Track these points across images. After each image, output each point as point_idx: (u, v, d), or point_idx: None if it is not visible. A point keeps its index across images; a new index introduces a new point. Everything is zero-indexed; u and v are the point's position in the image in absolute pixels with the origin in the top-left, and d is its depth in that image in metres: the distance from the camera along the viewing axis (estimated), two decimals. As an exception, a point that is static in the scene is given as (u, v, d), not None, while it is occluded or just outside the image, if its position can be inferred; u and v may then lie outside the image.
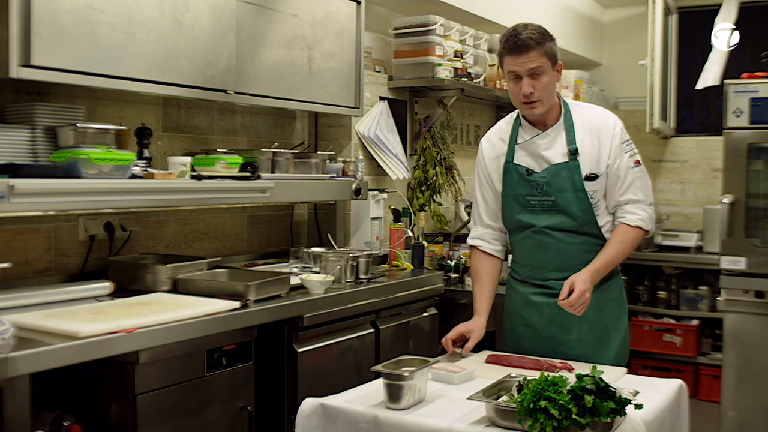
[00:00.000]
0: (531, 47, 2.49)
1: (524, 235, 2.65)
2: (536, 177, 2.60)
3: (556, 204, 2.58)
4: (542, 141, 2.62)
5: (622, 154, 2.62)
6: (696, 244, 5.55)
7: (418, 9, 4.20)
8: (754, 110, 4.14)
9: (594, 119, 2.63)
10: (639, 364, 5.53)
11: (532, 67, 2.50)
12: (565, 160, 2.58)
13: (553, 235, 2.60)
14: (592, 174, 2.57)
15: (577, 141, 2.59)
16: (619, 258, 2.59)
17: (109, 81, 2.54)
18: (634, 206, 2.61)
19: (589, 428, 1.81)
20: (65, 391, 2.37)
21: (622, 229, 2.59)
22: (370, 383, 2.27)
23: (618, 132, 2.63)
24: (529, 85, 2.51)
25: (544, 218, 2.60)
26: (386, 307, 3.29)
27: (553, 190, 2.58)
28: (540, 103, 2.55)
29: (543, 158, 2.60)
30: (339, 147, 3.96)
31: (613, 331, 2.66)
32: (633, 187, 2.60)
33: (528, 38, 2.49)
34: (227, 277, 2.96)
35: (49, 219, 2.82)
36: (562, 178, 2.57)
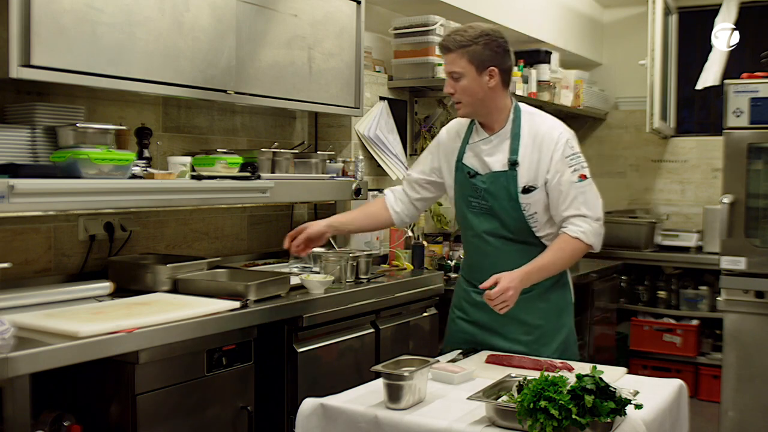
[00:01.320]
0: (450, 50, 2.53)
1: (468, 237, 2.72)
2: (477, 180, 2.62)
3: (492, 210, 2.61)
4: (486, 146, 2.63)
5: (565, 169, 2.54)
6: (696, 244, 5.55)
7: (418, 9, 4.20)
8: (754, 110, 4.14)
9: (540, 130, 2.58)
10: (639, 364, 5.53)
11: (451, 70, 2.55)
12: (505, 169, 2.58)
13: (490, 241, 2.63)
14: (529, 186, 2.55)
15: (519, 151, 2.57)
16: (555, 265, 2.55)
17: (109, 81, 2.54)
18: (577, 219, 2.55)
19: (589, 428, 1.81)
20: (65, 391, 2.37)
21: (562, 239, 2.56)
22: (370, 383, 2.27)
23: (561, 146, 2.56)
24: (449, 86, 2.57)
25: (482, 222, 2.64)
26: (386, 307, 3.29)
27: (490, 197, 2.60)
28: (461, 105, 2.59)
29: (486, 164, 2.62)
30: (339, 147, 3.96)
31: (552, 334, 2.67)
32: (576, 202, 2.54)
33: (452, 40, 2.53)
34: (227, 277, 2.96)
35: (49, 219, 2.82)
36: (500, 186, 2.58)
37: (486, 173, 2.61)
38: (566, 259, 2.57)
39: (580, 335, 4.62)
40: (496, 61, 2.53)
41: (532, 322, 2.65)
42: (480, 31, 2.53)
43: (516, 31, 4.95)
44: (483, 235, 2.64)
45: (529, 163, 2.56)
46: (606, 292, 5.02)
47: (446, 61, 2.56)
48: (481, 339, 2.69)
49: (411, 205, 2.84)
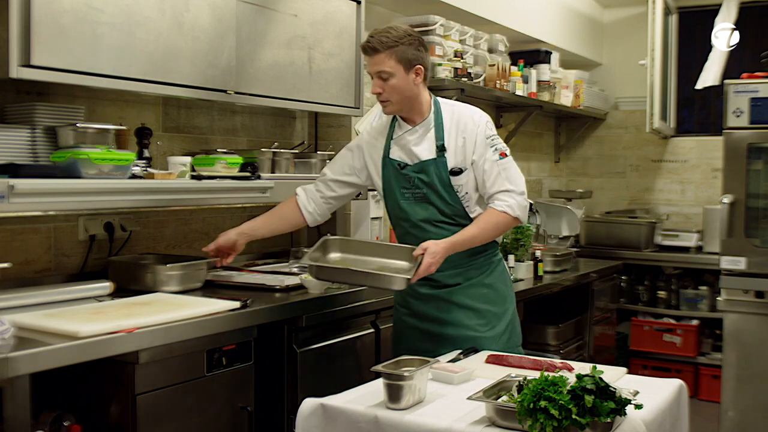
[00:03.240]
0: (378, 51, 2.62)
1: (403, 230, 2.79)
2: (408, 171, 2.73)
3: (426, 197, 2.71)
4: (412, 137, 2.75)
5: (487, 149, 2.70)
6: (696, 244, 5.56)
7: (418, 9, 4.20)
8: (754, 110, 4.15)
9: (461, 117, 2.74)
10: (639, 364, 5.54)
11: (380, 69, 2.63)
12: (433, 156, 2.70)
13: (428, 228, 2.72)
14: (457, 168, 2.69)
15: (444, 138, 2.71)
16: (480, 237, 2.68)
17: (109, 81, 2.54)
18: (503, 194, 2.69)
19: (589, 428, 1.81)
20: (65, 391, 2.37)
21: (488, 212, 2.70)
22: (370, 383, 2.27)
23: (483, 129, 2.72)
24: (378, 86, 2.66)
25: (418, 211, 2.73)
26: (386, 307, 3.29)
27: (422, 184, 2.71)
28: (389, 103, 2.69)
29: (413, 153, 2.73)
30: (339, 147, 3.93)
31: (498, 317, 2.79)
32: (500, 178, 2.69)
33: (378, 41, 2.61)
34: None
35: (49, 219, 2.82)
36: (431, 173, 2.70)
37: (415, 162, 2.72)
38: (491, 231, 2.69)
39: (580, 335, 4.65)
40: (421, 59, 2.67)
41: (478, 307, 2.76)
42: (403, 31, 2.65)
43: (516, 31, 4.95)
44: (420, 224, 2.73)
45: (455, 147, 2.71)
46: (606, 292, 5.02)
47: (373, 62, 2.64)
48: (431, 330, 2.77)
49: (324, 203, 2.92)
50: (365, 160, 2.85)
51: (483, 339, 2.72)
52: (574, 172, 6.54)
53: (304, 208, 2.90)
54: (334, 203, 2.94)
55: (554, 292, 4.29)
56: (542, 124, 6.25)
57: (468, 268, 2.77)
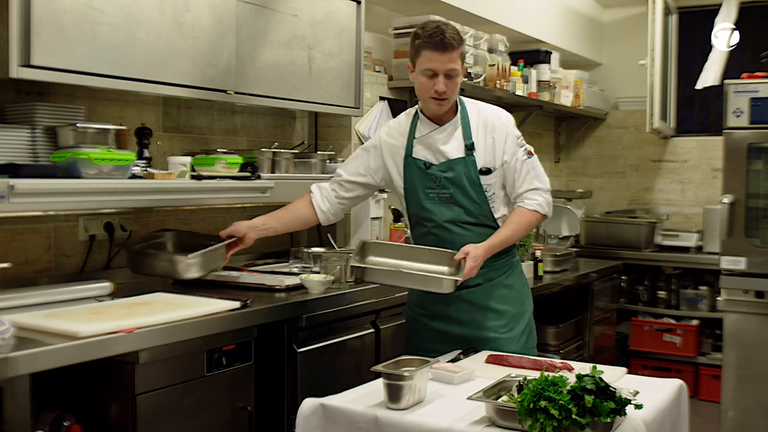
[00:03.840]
0: (454, 48, 2.59)
1: (425, 230, 2.75)
2: (434, 170, 2.70)
3: (453, 197, 2.69)
4: (440, 135, 2.71)
5: (517, 150, 2.72)
6: (696, 244, 5.56)
7: (418, 9, 4.20)
8: (754, 110, 4.15)
9: (488, 117, 2.74)
10: (639, 364, 5.54)
11: (450, 68, 2.59)
12: (462, 155, 2.68)
13: (452, 229, 2.69)
14: (486, 168, 2.68)
15: (472, 137, 2.70)
16: (515, 238, 2.71)
17: (109, 81, 2.54)
18: (531, 193, 2.72)
19: (589, 428, 1.81)
20: (65, 391, 2.37)
21: (520, 212, 2.71)
22: (370, 383, 2.27)
23: (511, 128, 2.74)
24: (443, 84, 2.60)
25: (443, 211, 2.70)
26: (386, 307, 3.29)
27: (450, 184, 2.68)
28: (447, 102, 2.66)
29: (441, 152, 2.70)
30: (339, 147, 3.96)
31: (517, 318, 2.76)
32: (529, 177, 2.72)
33: (452, 38, 2.58)
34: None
35: (49, 219, 2.82)
36: (459, 172, 2.68)
37: (441, 162, 2.70)
38: (523, 230, 2.73)
39: (580, 335, 4.65)
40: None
41: (498, 307, 2.73)
42: (453, 26, 2.66)
43: (516, 31, 4.95)
44: (445, 224, 2.70)
45: (484, 146, 2.69)
46: (606, 292, 5.02)
47: (446, 59, 2.58)
48: (449, 331, 2.73)
49: (338, 203, 2.88)
50: (384, 160, 2.80)
51: (502, 340, 2.69)
52: (574, 172, 6.54)
53: (318, 206, 2.85)
54: (347, 203, 2.92)
55: (554, 292, 4.29)
56: (542, 124, 6.25)
57: (489, 268, 2.72)
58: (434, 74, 2.60)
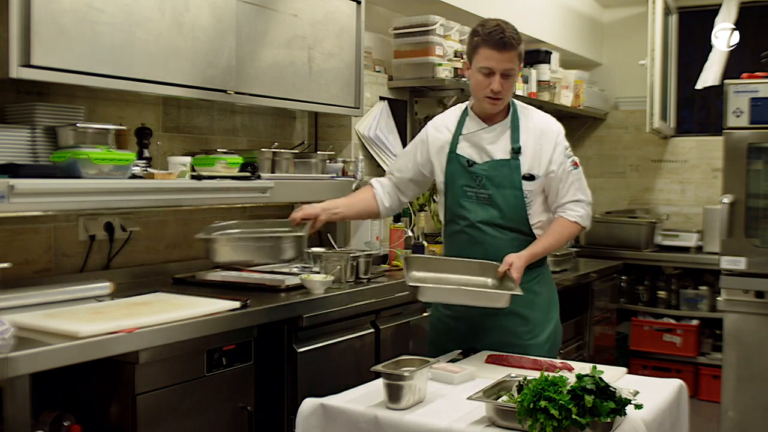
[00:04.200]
0: (513, 47, 2.57)
1: (458, 228, 2.72)
2: (476, 169, 2.66)
3: (491, 198, 2.65)
4: (488, 134, 2.68)
5: (565, 160, 2.69)
6: (696, 244, 5.55)
7: (418, 9, 4.20)
8: (754, 110, 4.14)
9: (539, 123, 2.71)
10: (639, 364, 5.54)
11: (508, 67, 2.58)
12: (507, 158, 2.65)
13: (486, 230, 2.66)
14: (529, 174, 2.64)
15: (520, 141, 2.66)
16: (554, 247, 2.71)
17: (109, 81, 2.54)
18: (574, 204, 2.70)
19: (589, 428, 1.81)
20: (65, 391, 2.37)
21: (561, 222, 2.69)
22: (370, 383, 2.27)
23: (561, 138, 2.72)
24: (500, 83, 2.58)
25: (478, 212, 2.66)
26: (386, 307, 3.29)
27: (490, 184, 2.65)
28: (502, 102, 2.64)
29: (486, 151, 2.67)
30: (339, 147, 3.96)
31: (542, 325, 2.73)
32: (573, 188, 2.70)
33: (512, 37, 2.57)
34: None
35: (49, 219, 2.82)
36: (502, 174, 2.64)
37: (485, 161, 2.66)
38: (563, 241, 2.71)
39: (580, 335, 4.65)
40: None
41: (525, 313, 2.69)
42: (513, 26, 2.64)
43: (516, 31, 4.94)
44: (478, 225, 2.67)
45: (532, 152, 2.65)
46: (606, 292, 5.02)
47: (504, 59, 2.56)
48: (474, 335, 2.70)
49: (398, 200, 2.89)
50: (429, 154, 2.77)
51: (526, 347, 2.65)
52: (574, 172, 6.52)
53: (381, 201, 2.84)
54: (405, 201, 2.92)
55: (554, 292, 4.28)
56: (542, 124, 6.24)
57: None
58: (491, 72, 2.57)
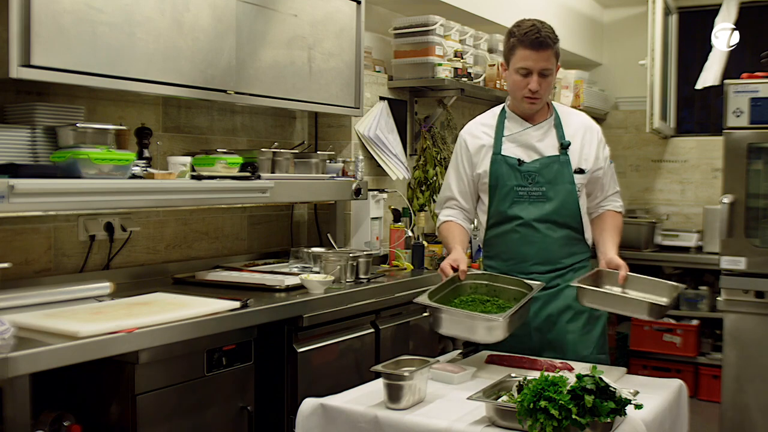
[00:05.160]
0: (549, 46, 2.59)
1: (509, 228, 2.70)
2: (528, 167, 2.66)
3: (545, 195, 2.66)
4: (536, 132, 2.70)
5: (606, 155, 2.80)
6: (696, 244, 5.55)
7: (418, 9, 4.20)
8: (754, 110, 4.14)
9: (579, 119, 2.79)
10: (639, 364, 5.53)
11: (545, 67, 2.59)
12: (557, 154, 2.68)
13: (539, 228, 2.66)
14: (579, 168, 2.69)
15: (565, 137, 2.70)
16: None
17: (109, 81, 2.54)
18: (614, 196, 2.85)
19: (589, 428, 1.81)
20: (65, 391, 2.37)
21: (613, 215, 2.82)
22: (370, 383, 2.27)
23: (601, 135, 2.81)
24: (538, 83, 2.60)
25: (531, 210, 2.66)
26: (386, 307, 3.29)
27: (544, 181, 2.66)
28: (540, 101, 2.66)
29: (535, 149, 2.68)
30: (339, 147, 3.96)
31: (594, 321, 2.73)
32: (612, 181, 2.84)
33: (547, 36, 2.59)
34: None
35: (49, 219, 2.82)
36: (554, 170, 2.66)
37: (534, 159, 2.67)
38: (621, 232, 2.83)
39: (580, 335, 4.64)
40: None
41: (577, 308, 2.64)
42: (549, 25, 2.66)
43: (516, 31, 4.94)
44: (533, 223, 2.66)
45: (580, 147, 2.71)
46: (606, 292, 5.01)
47: (540, 58, 2.58)
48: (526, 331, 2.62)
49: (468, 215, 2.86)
50: (476, 165, 2.75)
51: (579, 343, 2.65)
52: (574, 172, 6.53)
53: (467, 228, 2.84)
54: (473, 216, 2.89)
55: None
56: (542, 124, 6.24)
57: (567, 269, 2.70)
58: (528, 73, 2.59)
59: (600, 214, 2.82)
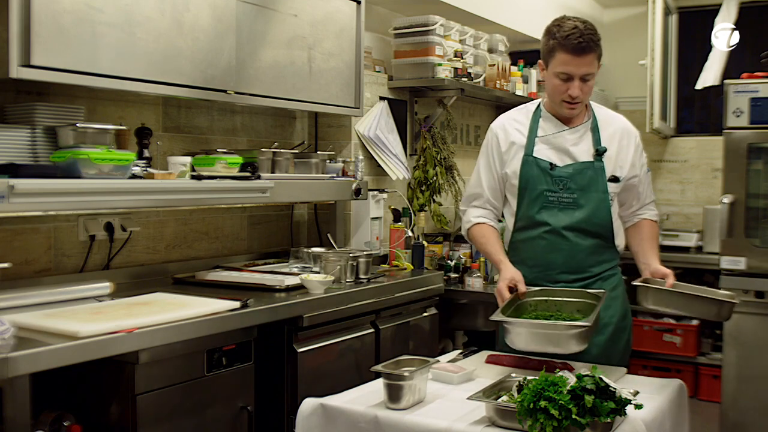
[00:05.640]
0: (592, 50, 2.47)
1: (535, 234, 2.59)
2: (560, 172, 2.55)
3: (576, 202, 2.55)
4: (572, 136, 2.59)
5: (643, 161, 2.70)
6: (696, 244, 5.55)
7: (418, 9, 4.20)
8: (754, 110, 4.14)
9: (617, 122, 2.67)
10: (639, 364, 5.53)
11: (588, 72, 2.48)
12: (591, 160, 2.56)
13: (568, 236, 2.56)
14: (614, 176, 2.58)
15: (601, 142, 2.58)
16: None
17: (109, 81, 2.54)
18: (651, 205, 2.75)
19: (589, 428, 1.81)
20: (65, 391, 2.37)
21: (650, 224, 2.72)
22: (370, 383, 2.27)
23: (639, 141, 2.69)
24: (579, 88, 2.48)
25: (560, 217, 2.55)
26: (386, 307, 3.29)
27: (576, 187, 2.55)
28: (580, 105, 2.56)
29: (569, 153, 2.57)
30: (339, 147, 3.96)
31: (621, 331, 2.67)
32: (648, 189, 2.74)
33: (590, 39, 2.46)
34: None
35: (49, 219, 2.82)
36: (587, 176, 2.55)
37: (567, 164, 2.56)
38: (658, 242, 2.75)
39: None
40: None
41: (604, 320, 2.58)
42: (591, 24, 2.52)
43: (516, 31, 4.95)
44: (561, 231, 2.56)
45: (615, 153, 2.60)
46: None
47: (582, 63, 2.46)
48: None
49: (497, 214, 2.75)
50: (505, 163, 2.63)
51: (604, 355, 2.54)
52: (574, 172, 6.52)
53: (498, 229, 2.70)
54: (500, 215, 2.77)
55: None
56: (542, 124, 6.24)
57: (596, 278, 2.61)
58: (569, 78, 2.47)
59: (636, 223, 2.71)
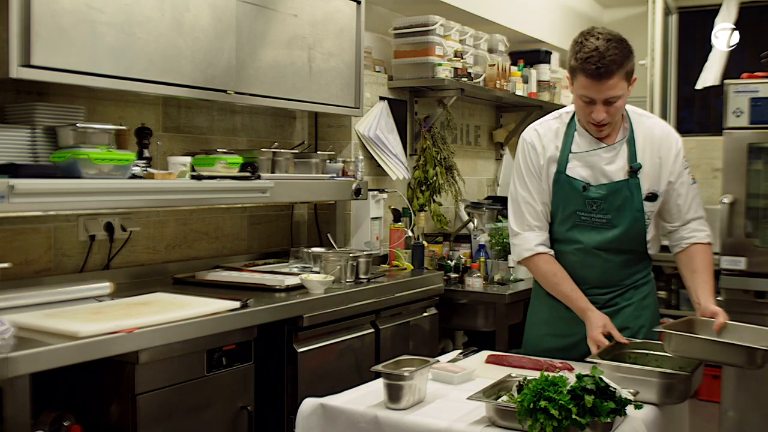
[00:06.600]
0: (613, 72, 2.26)
1: (567, 250, 2.51)
2: (593, 192, 2.42)
3: (610, 222, 2.44)
4: (607, 154, 2.43)
5: (683, 171, 2.48)
6: (696, 244, 5.54)
7: (418, 9, 4.20)
8: (754, 110, 4.14)
9: (655, 131, 2.47)
10: (639, 364, 5.52)
11: (611, 96, 2.29)
12: (625, 178, 2.42)
13: (599, 254, 2.47)
14: (651, 193, 2.44)
15: (638, 157, 2.43)
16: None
17: (109, 81, 2.54)
18: (698, 223, 2.53)
19: (589, 428, 1.81)
20: (65, 391, 2.37)
21: (703, 250, 2.52)
22: (370, 383, 2.27)
23: (680, 147, 2.48)
24: (603, 112, 2.32)
25: (593, 236, 2.46)
26: (386, 307, 3.29)
27: (610, 208, 2.43)
28: (609, 126, 2.39)
29: (603, 173, 2.43)
30: (339, 147, 3.96)
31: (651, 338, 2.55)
32: (694, 204, 2.52)
33: (611, 62, 2.25)
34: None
35: (49, 219, 2.82)
36: (621, 196, 2.42)
37: (601, 183, 2.42)
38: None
39: (580, 335, 4.64)
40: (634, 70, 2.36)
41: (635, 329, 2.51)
42: (619, 38, 2.31)
43: (516, 31, 4.95)
44: (593, 251, 2.46)
45: (650, 168, 2.43)
46: (606, 292, 5.01)
47: (605, 87, 2.26)
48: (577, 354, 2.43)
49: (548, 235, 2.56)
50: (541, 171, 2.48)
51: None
52: (574, 172, 6.52)
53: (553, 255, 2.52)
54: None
55: (554, 292, 4.28)
56: (542, 124, 6.24)
57: (627, 288, 2.53)
58: (591, 101, 2.32)
59: (686, 250, 2.52)
